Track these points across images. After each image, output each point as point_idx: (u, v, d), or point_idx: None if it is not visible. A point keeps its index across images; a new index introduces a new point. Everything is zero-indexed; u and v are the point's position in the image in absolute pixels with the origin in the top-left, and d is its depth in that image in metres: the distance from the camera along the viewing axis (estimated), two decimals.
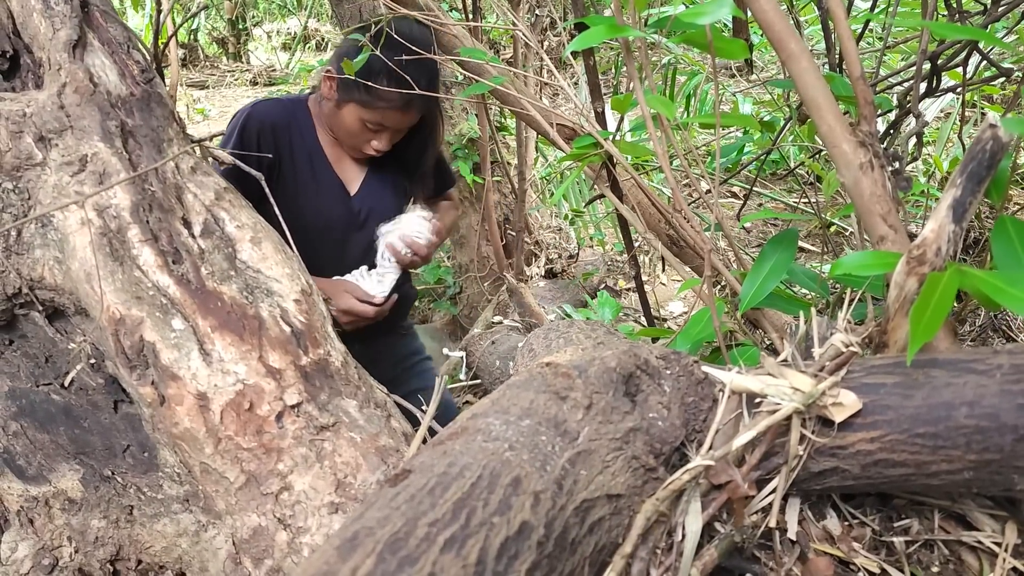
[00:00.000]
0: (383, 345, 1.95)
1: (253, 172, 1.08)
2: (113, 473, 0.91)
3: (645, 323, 2.19)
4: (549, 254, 4.47)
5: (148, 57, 1.03)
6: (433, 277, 4.31)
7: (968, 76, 1.80)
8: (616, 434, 0.76)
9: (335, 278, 1.69)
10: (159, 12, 1.05)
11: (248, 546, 0.81)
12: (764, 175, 4.59)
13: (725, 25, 3.14)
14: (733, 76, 6.17)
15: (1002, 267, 0.81)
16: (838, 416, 0.79)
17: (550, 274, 4.44)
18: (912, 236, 0.94)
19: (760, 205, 4.90)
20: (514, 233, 4.14)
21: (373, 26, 1.45)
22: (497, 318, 3.60)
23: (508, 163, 4.31)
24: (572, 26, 1.58)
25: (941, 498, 0.85)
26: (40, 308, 0.92)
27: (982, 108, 3.87)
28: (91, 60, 0.97)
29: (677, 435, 0.80)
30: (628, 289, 4.43)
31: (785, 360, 0.91)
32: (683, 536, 0.75)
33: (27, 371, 0.93)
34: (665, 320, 3.92)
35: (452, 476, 0.64)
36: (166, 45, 1.07)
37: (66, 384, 0.93)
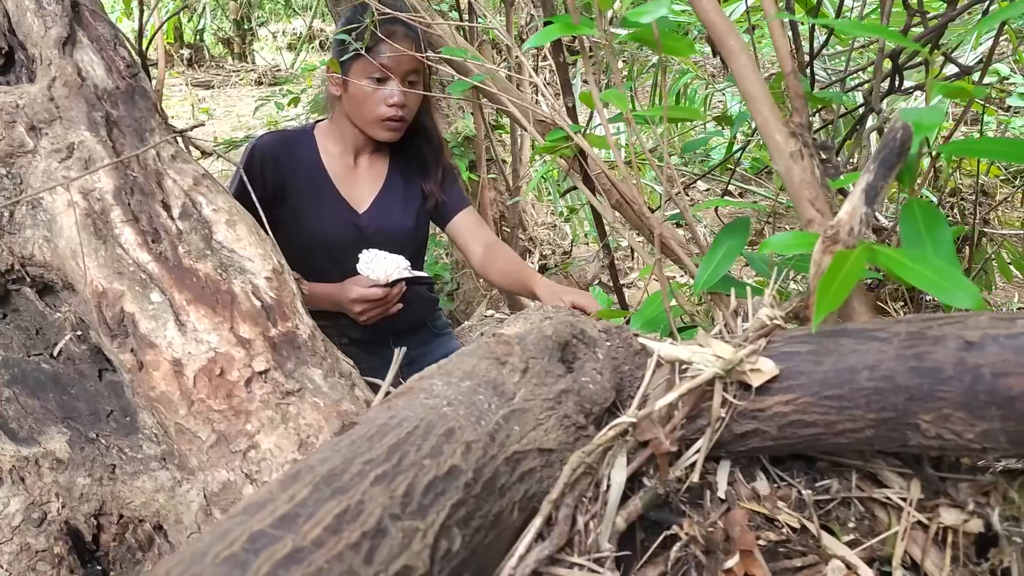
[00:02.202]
0: (416, 344, 2.03)
1: (234, 162, 1.16)
2: (97, 435, 0.98)
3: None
4: (543, 250, 4.55)
5: (134, 53, 1.10)
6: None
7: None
8: (549, 395, 0.83)
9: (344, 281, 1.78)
10: (141, 12, 1.13)
11: (218, 499, 0.89)
12: (754, 172, 4.65)
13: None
14: None
15: (908, 245, 0.88)
16: (756, 381, 0.86)
17: (543, 270, 4.51)
18: None
19: (755, 203, 4.97)
20: (509, 230, 4.22)
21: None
22: (489, 312, 3.68)
23: (504, 161, 4.38)
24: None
25: (854, 458, 0.92)
26: (31, 283, 1.00)
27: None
28: (80, 56, 1.05)
29: (607, 397, 0.87)
30: (623, 285, 4.50)
31: (717, 333, 0.99)
32: (608, 487, 0.82)
33: (19, 342, 1.01)
34: None
35: (391, 426, 0.72)
36: (150, 42, 1.15)
37: (55, 354, 1.01)
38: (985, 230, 3.91)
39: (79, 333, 1.00)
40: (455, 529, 0.66)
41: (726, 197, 4.41)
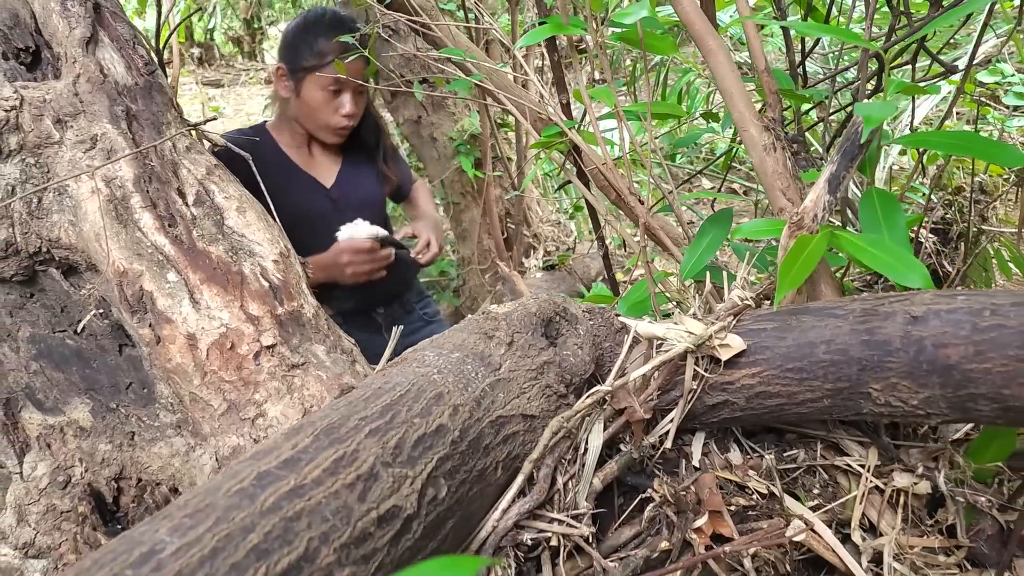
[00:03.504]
0: (408, 331, 2.12)
1: (242, 153, 1.23)
2: (118, 406, 1.06)
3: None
4: (547, 246, 4.62)
5: (151, 52, 1.18)
6: (436, 270, 4.47)
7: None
8: (533, 366, 0.90)
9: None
10: (159, 13, 1.21)
11: (229, 462, 0.96)
12: (750, 168, 4.70)
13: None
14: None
15: (866, 230, 0.95)
16: (724, 355, 0.93)
17: (548, 266, 4.58)
18: None
19: (756, 202, 5.03)
20: (514, 226, 4.29)
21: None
22: (493, 306, 3.75)
23: (509, 159, 4.45)
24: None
25: (818, 428, 0.99)
26: (57, 265, 1.08)
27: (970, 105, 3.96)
28: (102, 54, 1.13)
29: (587, 369, 0.94)
30: (625, 282, 4.57)
31: (693, 313, 1.06)
32: (586, 450, 0.89)
33: (46, 320, 1.09)
34: None
35: (385, 389, 0.79)
36: (167, 42, 1.23)
37: (78, 330, 1.09)
38: (984, 227, 3.95)
39: (101, 311, 1.08)
40: (441, 479, 0.73)
41: (723, 193, 4.46)
